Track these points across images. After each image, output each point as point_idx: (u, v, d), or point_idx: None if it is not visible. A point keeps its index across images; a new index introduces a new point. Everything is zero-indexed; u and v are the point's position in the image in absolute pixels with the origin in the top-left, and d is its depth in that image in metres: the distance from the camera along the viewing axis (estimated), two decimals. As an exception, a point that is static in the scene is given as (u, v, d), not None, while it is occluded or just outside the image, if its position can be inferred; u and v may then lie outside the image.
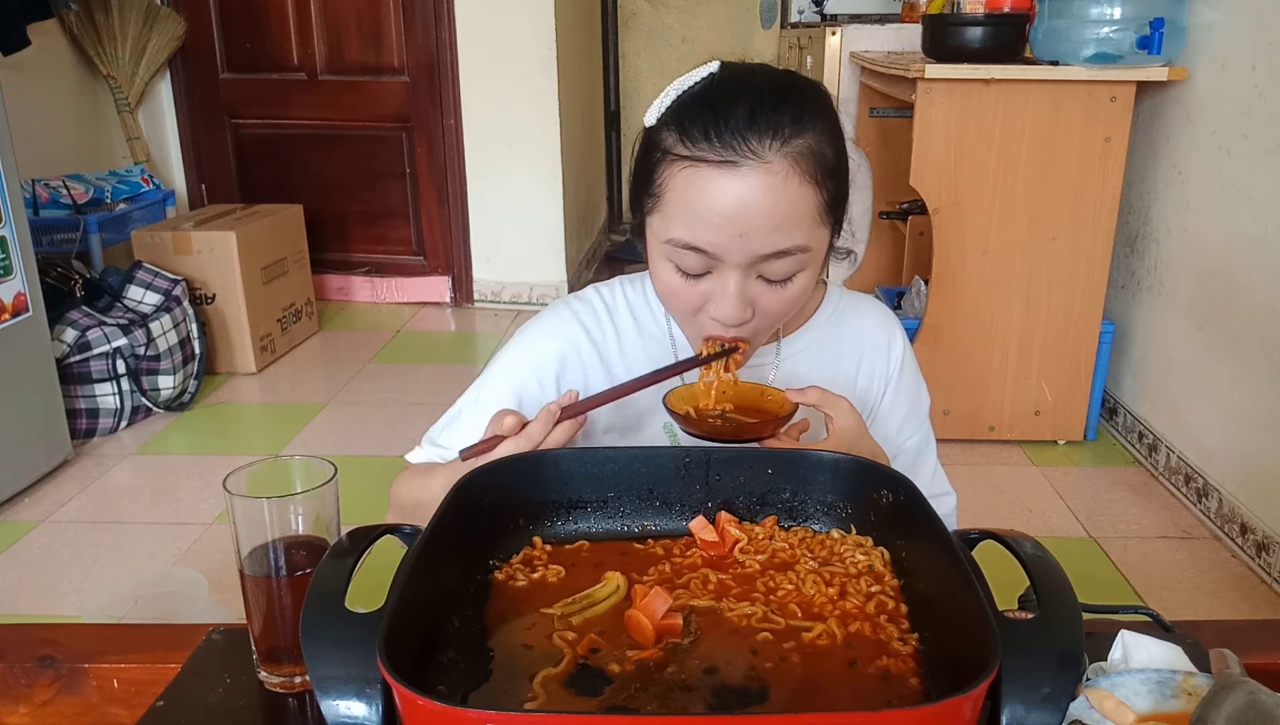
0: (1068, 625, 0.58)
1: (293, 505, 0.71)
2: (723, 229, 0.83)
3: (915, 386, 1.09)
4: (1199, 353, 2.45)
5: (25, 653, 0.76)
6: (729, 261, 0.85)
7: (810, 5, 4.20)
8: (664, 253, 0.89)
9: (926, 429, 1.10)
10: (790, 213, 0.84)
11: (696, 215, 0.84)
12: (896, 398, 1.07)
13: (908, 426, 1.08)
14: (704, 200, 0.84)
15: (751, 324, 0.89)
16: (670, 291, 0.91)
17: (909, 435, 1.08)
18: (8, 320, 2.41)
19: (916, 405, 1.09)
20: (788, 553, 0.75)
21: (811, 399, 0.88)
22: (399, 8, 3.88)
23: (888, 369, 1.07)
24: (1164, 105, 2.62)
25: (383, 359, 3.56)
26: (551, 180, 4.00)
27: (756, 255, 0.84)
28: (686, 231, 0.85)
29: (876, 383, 1.06)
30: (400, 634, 0.57)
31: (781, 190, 0.83)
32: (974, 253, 2.63)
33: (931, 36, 2.65)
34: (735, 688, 0.61)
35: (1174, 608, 2.02)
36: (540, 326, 1.07)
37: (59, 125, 3.47)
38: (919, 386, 1.10)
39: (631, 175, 0.94)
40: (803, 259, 0.87)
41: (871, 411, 1.07)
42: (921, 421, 1.10)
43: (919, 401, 1.09)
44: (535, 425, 0.85)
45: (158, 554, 2.25)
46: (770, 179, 0.83)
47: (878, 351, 1.06)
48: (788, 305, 0.90)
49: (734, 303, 0.86)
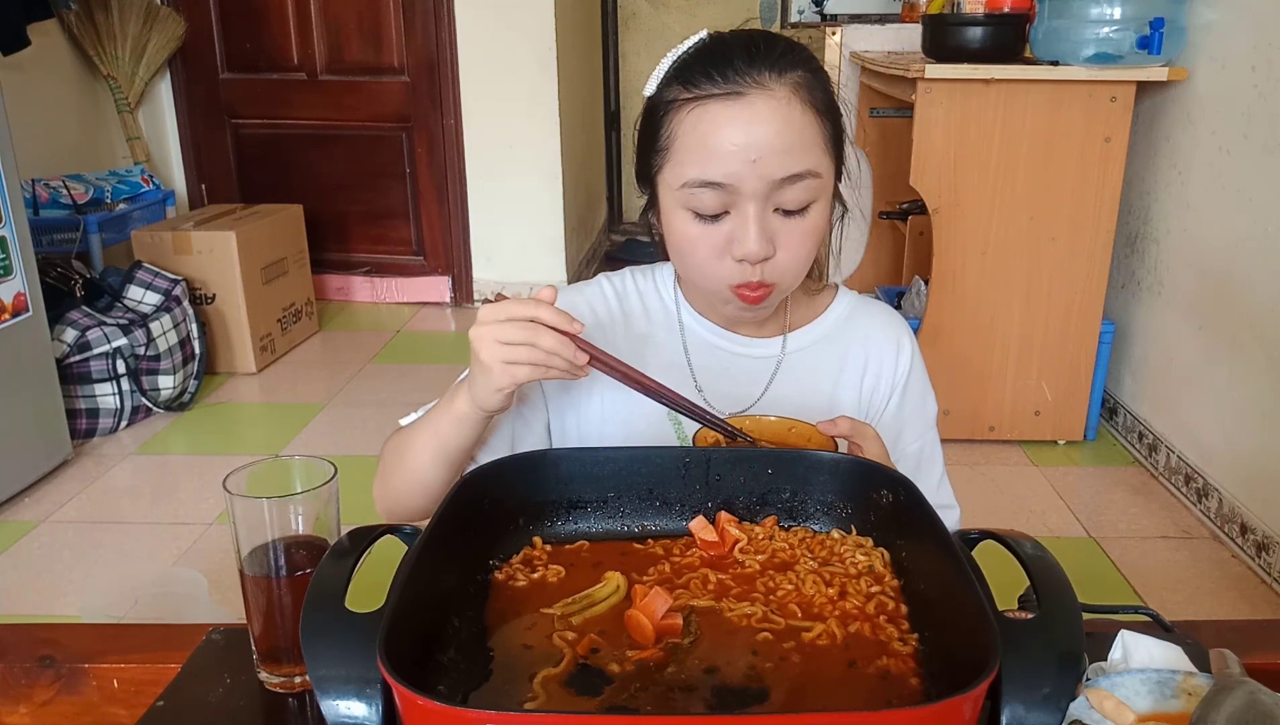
0: (1068, 625, 0.58)
1: (293, 505, 0.71)
2: (736, 157, 0.85)
3: (922, 397, 1.07)
4: (1199, 353, 2.45)
5: (25, 653, 0.76)
6: (746, 191, 0.86)
7: (810, 5, 4.21)
8: (680, 201, 0.89)
9: (932, 437, 1.09)
10: (799, 137, 0.86)
11: (709, 150, 0.86)
12: (902, 406, 1.06)
13: (909, 433, 1.07)
14: (715, 133, 0.86)
15: (775, 263, 0.89)
16: (689, 242, 0.91)
17: (910, 442, 1.06)
18: (8, 320, 2.41)
19: (921, 413, 1.07)
20: (788, 553, 0.75)
21: (842, 430, 0.88)
22: (399, 8, 3.88)
23: (894, 376, 1.05)
24: (1164, 105, 2.62)
25: (383, 359, 3.56)
26: (551, 180, 3.99)
27: (771, 180, 0.86)
28: (701, 169, 0.87)
29: (882, 388, 1.05)
30: (400, 634, 0.57)
31: (787, 114, 0.86)
32: (974, 252, 2.63)
33: (931, 36, 2.65)
34: (735, 688, 0.61)
35: (1174, 608, 2.02)
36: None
37: (59, 125, 3.47)
38: (926, 396, 1.08)
39: (636, 146, 0.95)
40: (815, 185, 0.88)
41: (874, 416, 1.05)
42: (925, 429, 1.08)
43: (924, 410, 1.08)
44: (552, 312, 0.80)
45: (158, 554, 2.25)
46: (775, 104, 0.86)
47: (885, 357, 1.05)
48: (807, 240, 0.90)
49: (755, 233, 0.87)
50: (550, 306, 0.80)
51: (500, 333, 0.80)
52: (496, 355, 0.80)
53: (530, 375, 0.81)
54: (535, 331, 0.79)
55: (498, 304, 0.81)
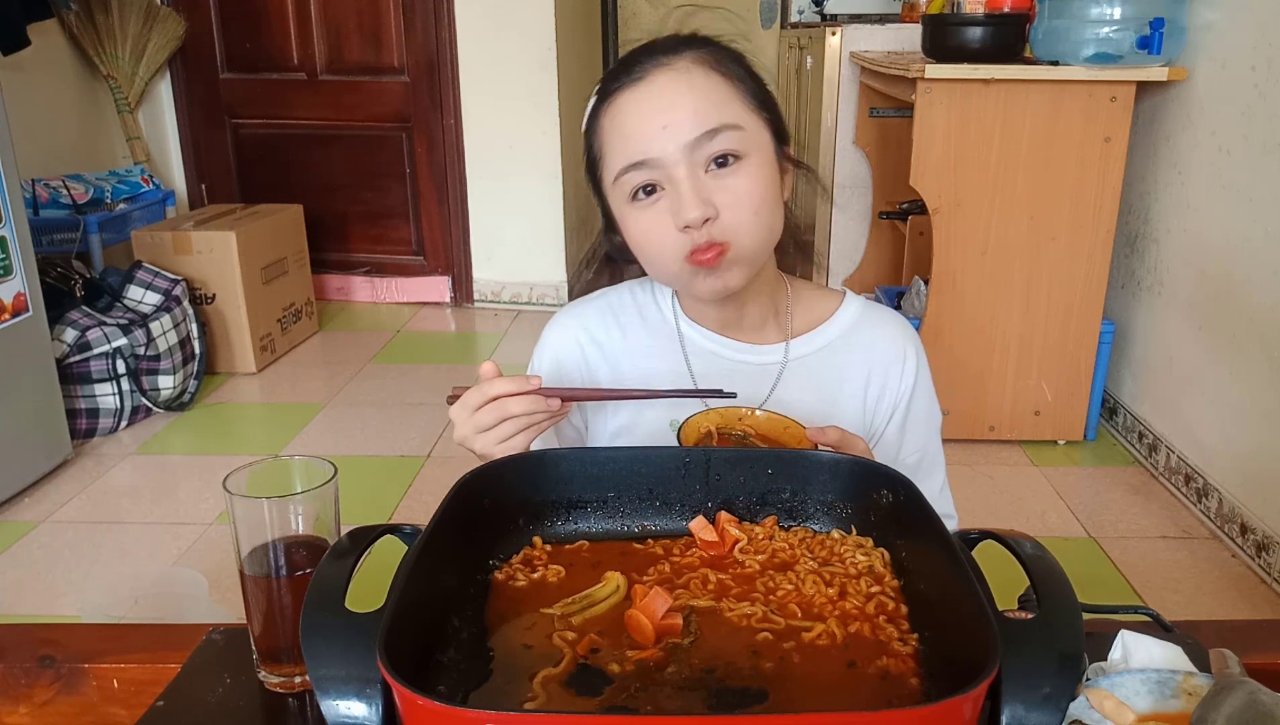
0: (1068, 625, 0.58)
1: (293, 505, 0.72)
2: (647, 130, 0.88)
3: (928, 408, 1.06)
4: (1199, 352, 2.45)
5: (25, 653, 0.76)
6: (669, 161, 0.88)
7: (810, 5, 4.21)
8: (621, 196, 0.92)
9: (935, 447, 1.07)
10: (706, 97, 0.89)
11: (625, 134, 0.90)
12: (906, 418, 1.04)
13: (911, 444, 1.05)
14: (626, 118, 0.90)
15: (720, 222, 0.88)
16: (642, 234, 0.92)
17: (911, 452, 1.05)
18: (8, 320, 2.41)
19: (926, 423, 1.06)
20: (788, 553, 0.75)
21: (831, 439, 0.87)
22: (399, 8, 3.88)
23: (900, 388, 1.03)
24: (1164, 105, 2.62)
25: (383, 359, 3.56)
26: (551, 180, 4.00)
27: (687, 142, 0.87)
28: (623, 154, 0.90)
29: (887, 400, 1.03)
30: (400, 634, 0.57)
31: (689, 80, 0.89)
32: (974, 253, 2.63)
33: (931, 36, 2.65)
34: (735, 688, 0.60)
35: (1174, 608, 2.02)
36: (543, 339, 1.07)
37: (59, 125, 3.47)
38: (932, 407, 1.07)
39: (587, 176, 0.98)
40: (736, 137, 0.89)
41: (878, 428, 1.04)
42: (928, 439, 1.06)
43: (929, 421, 1.06)
44: (505, 381, 0.86)
45: (158, 554, 2.25)
46: (674, 74, 0.89)
47: (891, 368, 1.03)
48: (747, 196, 0.89)
49: (688, 195, 0.87)
50: (502, 380, 0.86)
51: (477, 423, 0.86)
52: (488, 443, 0.86)
53: (526, 439, 0.87)
54: (502, 406, 0.85)
55: (458, 402, 0.87)
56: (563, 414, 0.89)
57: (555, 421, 0.89)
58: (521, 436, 0.87)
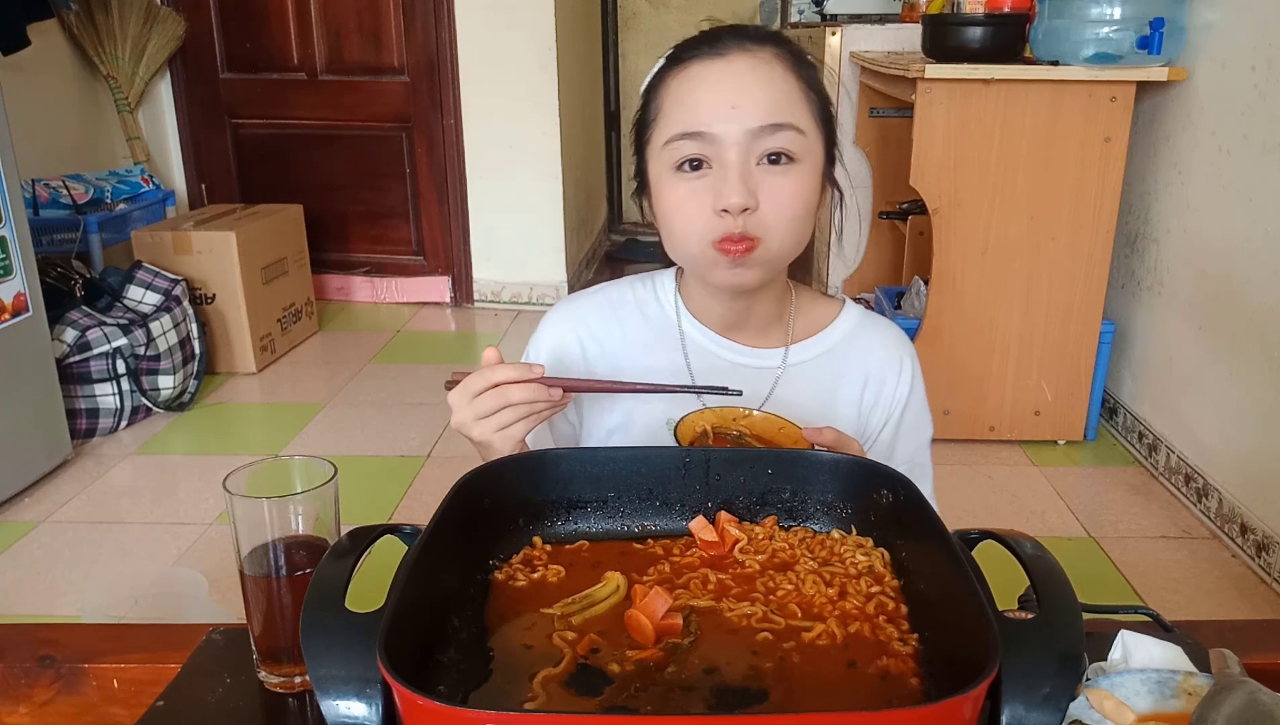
0: (1068, 625, 0.58)
1: (293, 505, 0.71)
2: (715, 104, 0.88)
3: (919, 419, 1.07)
4: (1199, 352, 2.45)
5: (25, 653, 0.76)
6: (727, 140, 0.87)
7: (810, 5, 4.20)
8: (665, 161, 0.91)
9: (924, 460, 1.08)
10: (780, 93, 0.89)
11: (689, 103, 0.89)
12: (898, 428, 1.05)
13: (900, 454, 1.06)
14: (696, 87, 0.89)
15: (759, 217, 0.88)
16: (675, 204, 0.91)
17: (901, 462, 1.05)
18: (8, 320, 2.41)
19: (915, 435, 1.07)
20: (788, 553, 0.75)
21: (827, 440, 0.87)
22: (399, 8, 3.88)
23: (894, 397, 1.04)
24: (1164, 105, 2.62)
25: (383, 359, 3.56)
26: (551, 180, 3.99)
27: (750, 128, 0.87)
28: (682, 121, 0.89)
29: (880, 408, 1.04)
30: (400, 634, 0.57)
31: (767, 71, 0.89)
32: (974, 253, 2.63)
33: (931, 36, 2.65)
34: (735, 688, 0.60)
35: (1174, 608, 2.02)
36: (539, 332, 1.07)
37: (59, 125, 3.47)
38: (923, 419, 1.07)
39: (634, 133, 0.97)
40: (798, 140, 0.89)
41: (870, 435, 1.05)
42: (917, 451, 1.07)
43: (919, 433, 1.07)
44: (508, 368, 0.85)
45: (158, 554, 2.25)
46: (756, 61, 0.89)
47: (886, 377, 1.04)
48: (792, 200, 0.89)
49: (735, 180, 0.87)
50: (504, 367, 0.85)
51: (476, 409, 0.85)
52: (486, 429, 0.85)
53: (525, 428, 0.86)
54: (503, 393, 0.84)
55: (458, 388, 0.86)
56: (563, 404, 0.88)
57: (555, 412, 0.89)
58: (520, 425, 0.86)
